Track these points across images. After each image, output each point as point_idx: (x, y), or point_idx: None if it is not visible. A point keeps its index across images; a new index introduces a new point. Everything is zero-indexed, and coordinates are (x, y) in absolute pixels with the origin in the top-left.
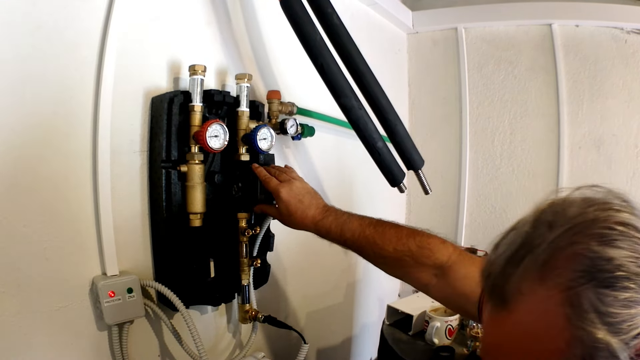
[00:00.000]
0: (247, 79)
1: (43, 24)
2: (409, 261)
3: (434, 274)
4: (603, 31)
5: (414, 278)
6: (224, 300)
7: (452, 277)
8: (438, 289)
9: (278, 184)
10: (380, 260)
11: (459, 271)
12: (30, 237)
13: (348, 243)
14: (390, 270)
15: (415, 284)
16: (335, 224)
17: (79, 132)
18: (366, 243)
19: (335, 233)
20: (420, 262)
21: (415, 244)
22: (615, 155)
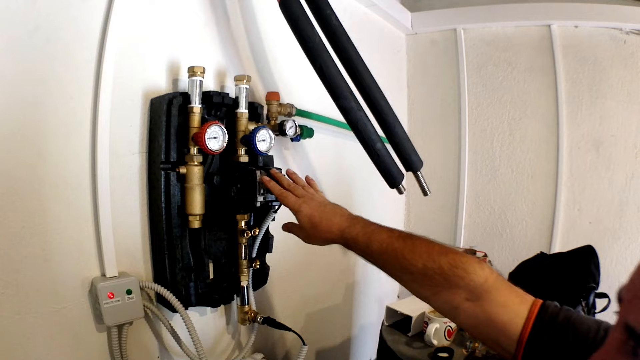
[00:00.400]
0: (246, 81)
1: (42, 24)
2: (439, 280)
3: (466, 297)
4: (602, 32)
5: (442, 300)
6: (223, 301)
7: (488, 303)
8: (469, 315)
9: (297, 199)
10: (407, 276)
11: (497, 298)
12: (29, 238)
13: (375, 255)
14: (417, 288)
15: (442, 306)
16: (362, 233)
17: (78, 133)
18: (394, 256)
19: (362, 242)
20: (452, 283)
21: (447, 261)
22: (615, 155)
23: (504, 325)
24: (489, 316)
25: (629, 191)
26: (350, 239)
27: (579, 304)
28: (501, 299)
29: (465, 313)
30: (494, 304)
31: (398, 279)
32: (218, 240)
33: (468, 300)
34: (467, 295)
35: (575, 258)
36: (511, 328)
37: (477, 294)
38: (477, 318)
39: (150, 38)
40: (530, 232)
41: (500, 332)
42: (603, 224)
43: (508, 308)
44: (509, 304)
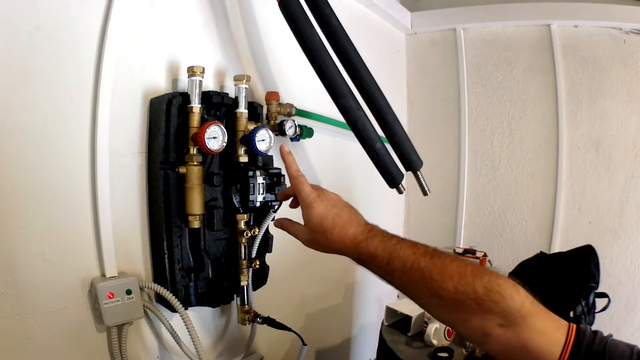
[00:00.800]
0: (245, 80)
1: (42, 24)
2: (472, 305)
3: (499, 323)
4: (602, 31)
5: (473, 326)
6: (223, 301)
7: (524, 330)
8: (501, 341)
9: (312, 190)
10: (434, 300)
11: (536, 324)
12: (29, 238)
13: (396, 275)
14: (444, 313)
15: (472, 332)
16: (382, 248)
17: (77, 133)
18: (420, 277)
19: (381, 260)
20: (486, 308)
21: (482, 284)
22: (614, 155)
23: (542, 353)
24: (524, 343)
25: (628, 191)
26: (366, 254)
27: (579, 304)
28: (539, 325)
29: (497, 340)
30: (531, 331)
31: (422, 302)
32: (218, 240)
33: (501, 327)
34: (500, 321)
35: (575, 258)
36: (548, 354)
37: (512, 319)
38: (510, 345)
39: (149, 38)
40: (530, 231)
41: (538, 357)
42: (603, 224)
43: (546, 335)
44: (547, 331)
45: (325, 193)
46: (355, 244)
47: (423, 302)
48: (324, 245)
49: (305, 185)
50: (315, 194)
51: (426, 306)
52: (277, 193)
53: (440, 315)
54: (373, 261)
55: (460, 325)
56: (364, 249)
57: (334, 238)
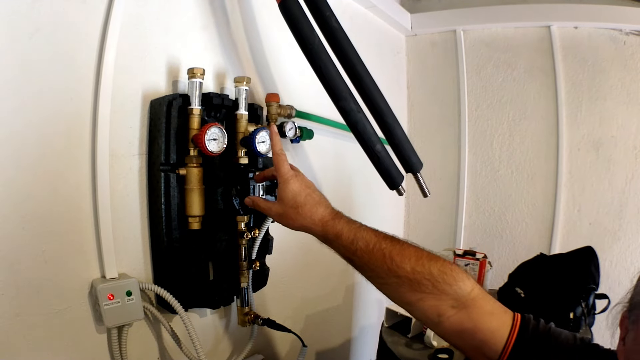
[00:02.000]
0: (245, 82)
1: (42, 26)
2: (428, 286)
3: (452, 304)
4: (602, 32)
5: (427, 306)
6: (223, 303)
7: (475, 311)
8: (454, 322)
9: (290, 169)
10: (392, 279)
11: (485, 306)
12: (29, 239)
13: (358, 254)
14: (402, 293)
15: (426, 313)
16: (347, 229)
17: (77, 135)
18: (380, 257)
19: (346, 239)
20: (440, 289)
21: (437, 267)
22: (615, 156)
23: (492, 333)
24: (475, 324)
25: (628, 192)
26: (332, 233)
27: (579, 305)
28: (487, 307)
29: (450, 320)
30: (481, 312)
31: (380, 282)
32: (218, 241)
33: (454, 308)
34: (453, 303)
35: (575, 259)
36: (498, 335)
37: (464, 301)
38: (462, 325)
39: (149, 39)
40: (530, 233)
41: (487, 339)
42: (603, 225)
43: (495, 316)
44: (495, 312)
45: (302, 175)
46: (323, 223)
47: (382, 281)
48: (294, 219)
49: (286, 164)
50: (293, 172)
51: (384, 286)
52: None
53: (397, 296)
54: (338, 240)
55: (417, 305)
56: (331, 227)
57: (305, 214)
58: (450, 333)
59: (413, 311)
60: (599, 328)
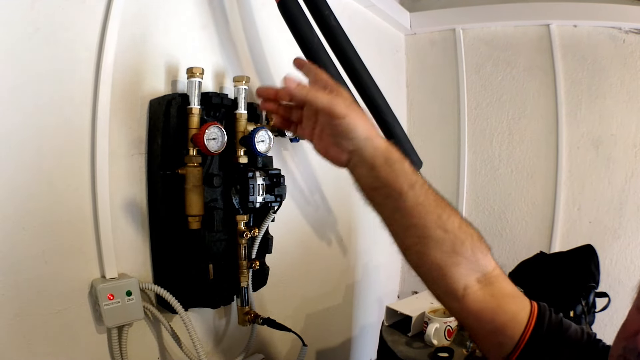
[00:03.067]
0: (245, 81)
1: (41, 26)
2: (467, 249)
3: (478, 279)
4: (601, 31)
5: (458, 274)
6: (223, 302)
7: (499, 291)
8: (479, 298)
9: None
10: (438, 232)
11: (506, 287)
12: (29, 239)
13: (417, 187)
14: (438, 252)
15: (453, 283)
16: (408, 162)
17: (77, 135)
18: (434, 200)
19: (408, 170)
20: (475, 258)
21: (476, 232)
22: (614, 155)
23: (512, 316)
24: (498, 303)
25: (628, 190)
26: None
27: (579, 304)
28: (509, 288)
29: (474, 295)
30: (504, 293)
31: (419, 235)
32: (218, 241)
33: (479, 283)
34: (479, 277)
35: (575, 257)
36: (517, 319)
37: (488, 278)
38: (485, 303)
39: (148, 39)
40: (530, 231)
41: (506, 322)
42: (603, 224)
43: (516, 299)
44: (516, 296)
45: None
46: (385, 141)
47: (424, 233)
48: (364, 118)
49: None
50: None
51: (424, 240)
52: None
53: (432, 255)
54: (402, 163)
55: (448, 269)
56: (393, 151)
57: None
58: (471, 310)
59: (440, 278)
60: (599, 326)
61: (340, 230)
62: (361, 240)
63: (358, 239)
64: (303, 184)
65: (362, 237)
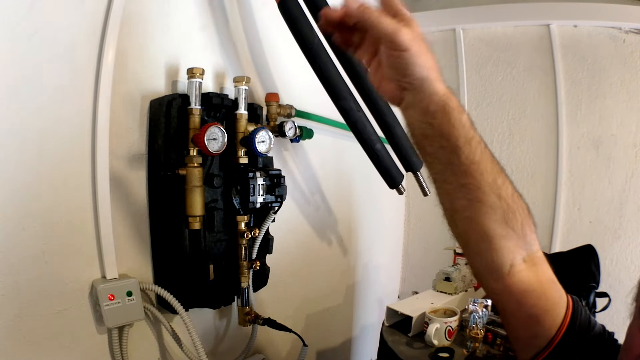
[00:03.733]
0: (245, 82)
1: (40, 28)
2: (519, 221)
3: (524, 257)
4: (601, 31)
5: (507, 247)
6: (224, 302)
7: (543, 274)
8: (524, 277)
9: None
10: (492, 198)
11: (548, 271)
12: (29, 240)
13: (473, 143)
14: (489, 220)
15: (500, 257)
16: (466, 114)
17: (77, 135)
18: (490, 159)
19: (465, 123)
20: (524, 233)
21: (526, 208)
22: (614, 155)
23: (554, 303)
24: (542, 287)
25: (628, 190)
26: (454, 104)
27: None
28: (550, 273)
29: (519, 275)
30: (547, 277)
31: (471, 198)
32: (218, 241)
33: (525, 262)
34: (525, 256)
35: (576, 257)
36: (557, 308)
37: (533, 258)
38: (530, 285)
39: (149, 40)
40: None
41: (548, 309)
42: (603, 224)
43: (556, 285)
44: (557, 282)
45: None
46: (445, 87)
47: (477, 196)
48: (425, 53)
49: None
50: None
51: (476, 204)
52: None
53: (482, 222)
54: (461, 114)
55: (497, 242)
56: (454, 97)
57: (430, 62)
58: (515, 291)
59: (486, 251)
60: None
61: (341, 230)
62: (361, 240)
63: (358, 239)
64: (303, 185)
65: (363, 237)
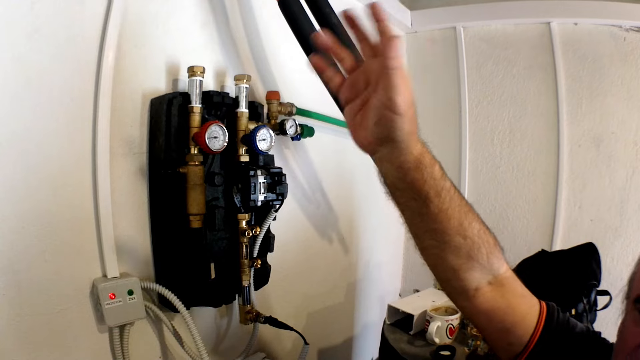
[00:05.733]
0: (246, 80)
1: (41, 26)
2: (484, 254)
3: (489, 280)
4: (601, 29)
5: (471, 277)
6: (225, 301)
7: (509, 291)
8: (489, 298)
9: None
10: (457, 239)
11: (517, 288)
12: (30, 239)
13: (443, 193)
14: (455, 257)
15: (465, 285)
16: (438, 165)
17: (78, 134)
18: (458, 205)
19: (439, 172)
20: (490, 262)
21: (493, 237)
22: (615, 153)
23: (522, 316)
24: (508, 304)
25: (629, 188)
26: (429, 157)
27: (581, 302)
28: (519, 289)
29: (484, 296)
30: (514, 293)
31: (439, 241)
32: (219, 239)
33: (490, 284)
34: (491, 279)
35: (577, 256)
36: (527, 318)
37: (500, 280)
38: (495, 303)
39: (149, 38)
40: (531, 230)
41: (517, 322)
42: (604, 222)
43: (526, 299)
44: (526, 295)
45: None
46: (421, 145)
47: (444, 239)
48: (414, 116)
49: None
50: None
51: (443, 245)
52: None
53: (448, 259)
54: (433, 167)
55: (462, 273)
56: (427, 154)
57: (412, 123)
58: (481, 310)
59: (452, 280)
60: (600, 324)
61: (342, 228)
62: (363, 238)
63: (360, 237)
64: (304, 183)
65: (364, 235)
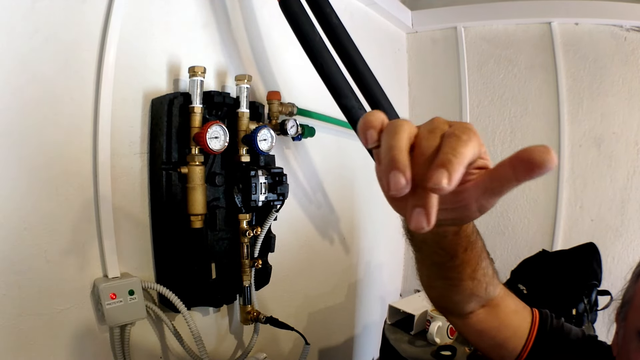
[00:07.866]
0: (247, 80)
1: (41, 26)
2: (484, 289)
3: (482, 304)
4: (602, 29)
5: (467, 306)
6: (226, 301)
7: (502, 310)
8: (481, 319)
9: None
10: (468, 282)
11: (510, 305)
12: (31, 239)
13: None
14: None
15: (458, 310)
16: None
17: (79, 134)
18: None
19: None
20: (488, 292)
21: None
22: (616, 153)
23: (514, 330)
24: (501, 322)
25: (630, 188)
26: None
27: (582, 302)
28: (512, 306)
29: (477, 317)
30: (507, 311)
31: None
32: (220, 240)
33: (483, 307)
34: (484, 303)
35: (577, 255)
36: (519, 332)
37: (494, 303)
38: (487, 323)
39: (150, 38)
40: (532, 230)
41: (509, 337)
42: (605, 222)
43: (518, 314)
44: (519, 310)
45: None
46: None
47: (456, 282)
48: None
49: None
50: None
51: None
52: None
53: (456, 297)
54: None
55: (461, 304)
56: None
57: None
58: (474, 330)
59: (447, 306)
60: (601, 324)
61: (343, 228)
62: (363, 238)
63: (360, 238)
64: (305, 183)
65: (365, 235)
